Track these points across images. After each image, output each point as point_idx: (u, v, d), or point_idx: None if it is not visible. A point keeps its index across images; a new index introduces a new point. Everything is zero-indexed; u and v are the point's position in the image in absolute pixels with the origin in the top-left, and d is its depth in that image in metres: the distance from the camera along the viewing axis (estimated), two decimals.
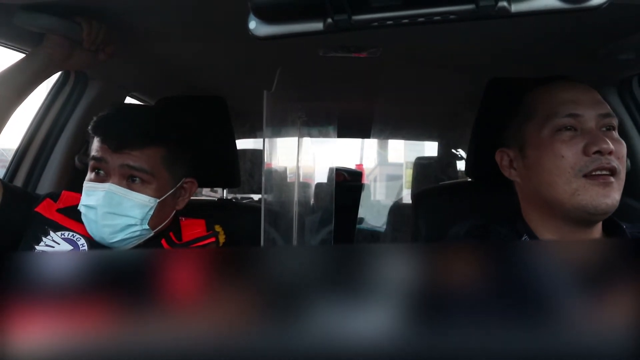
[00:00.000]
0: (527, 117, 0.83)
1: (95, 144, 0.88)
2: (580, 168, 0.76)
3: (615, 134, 0.79)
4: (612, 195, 0.75)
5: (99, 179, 0.87)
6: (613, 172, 0.75)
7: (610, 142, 0.75)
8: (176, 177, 0.93)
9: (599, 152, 0.75)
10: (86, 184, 0.88)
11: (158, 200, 0.88)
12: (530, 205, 0.84)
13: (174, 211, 0.96)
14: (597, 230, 0.81)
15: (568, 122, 0.79)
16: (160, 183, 0.89)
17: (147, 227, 0.88)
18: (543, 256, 0.27)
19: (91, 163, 0.88)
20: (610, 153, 0.75)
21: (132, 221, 0.86)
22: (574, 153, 0.77)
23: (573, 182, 0.76)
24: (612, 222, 0.83)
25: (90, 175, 0.88)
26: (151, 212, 0.88)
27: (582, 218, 0.78)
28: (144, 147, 0.86)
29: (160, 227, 0.92)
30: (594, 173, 0.75)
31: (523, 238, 0.82)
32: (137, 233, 0.88)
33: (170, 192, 0.91)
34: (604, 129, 0.79)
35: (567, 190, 0.76)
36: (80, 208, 0.87)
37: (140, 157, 0.86)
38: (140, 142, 0.86)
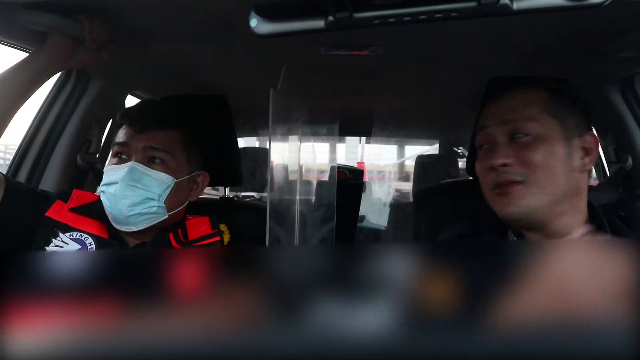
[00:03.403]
0: None
1: (121, 132, 0.95)
2: (488, 182, 0.81)
3: (527, 138, 0.77)
4: (516, 203, 0.76)
5: (122, 161, 0.92)
6: (515, 181, 0.76)
7: (501, 155, 0.77)
8: (191, 164, 0.98)
9: (492, 167, 0.79)
10: (108, 167, 0.93)
11: (175, 180, 0.93)
12: None
13: (187, 202, 1.00)
14: (569, 228, 0.79)
15: (482, 138, 0.83)
16: (177, 165, 0.95)
17: (163, 205, 0.92)
18: (541, 256, 0.27)
19: (114, 149, 0.94)
20: (504, 165, 0.77)
21: (151, 195, 0.90)
22: (483, 169, 0.82)
23: (489, 195, 0.82)
24: (596, 214, 0.82)
25: (112, 160, 0.94)
26: (168, 191, 0.93)
27: (512, 225, 0.81)
28: (164, 128, 0.94)
29: (173, 212, 0.96)
30: (496, 186, 0.79)
31: (509, 233, 0.84)
32: (154, 209, 0.91)
33: (186, 177, 0.97)
34: (514, 137, 0.79)
35: (490, 202, 0.82)
36: (101, 189, 0.92)
37: (160, 137, 0.93)
38: (161, 123, 0.95)
